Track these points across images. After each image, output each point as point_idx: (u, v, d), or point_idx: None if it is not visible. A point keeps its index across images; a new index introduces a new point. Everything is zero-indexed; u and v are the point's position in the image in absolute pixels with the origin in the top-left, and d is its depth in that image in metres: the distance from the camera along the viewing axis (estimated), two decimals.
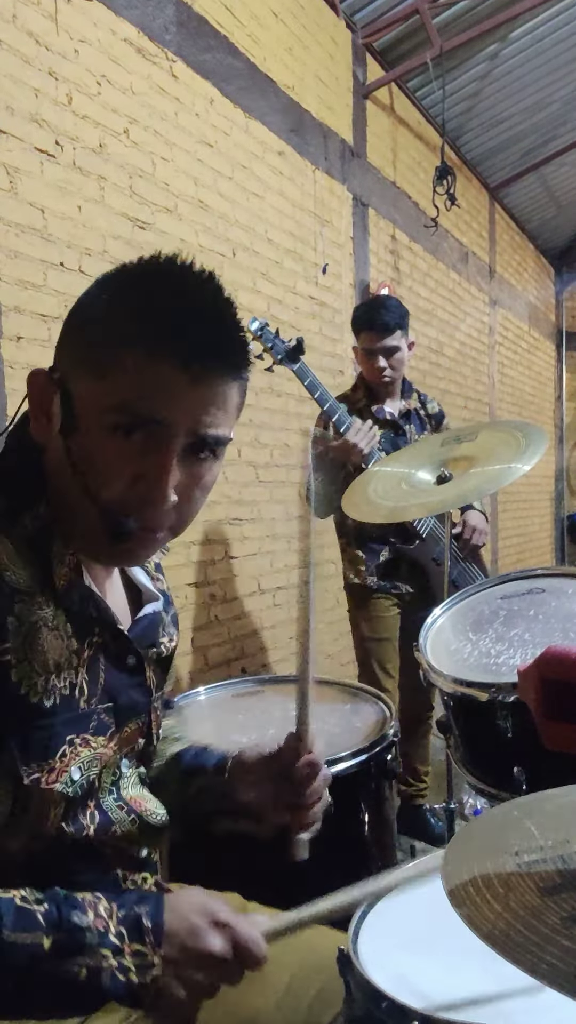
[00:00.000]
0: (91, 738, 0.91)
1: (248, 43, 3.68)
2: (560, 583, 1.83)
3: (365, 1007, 0.91)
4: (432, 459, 2.15)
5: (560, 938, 0.59)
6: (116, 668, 0.96)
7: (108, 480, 0.84)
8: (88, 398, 0.85)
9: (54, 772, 0.86)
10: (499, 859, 0.70)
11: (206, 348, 0.83)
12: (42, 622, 0.86)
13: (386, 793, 1.71)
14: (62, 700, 0.87)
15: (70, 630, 0.89)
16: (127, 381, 0.82)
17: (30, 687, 0.84)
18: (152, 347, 0.82)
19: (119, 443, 0.83)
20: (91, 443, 0.84)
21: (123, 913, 0.82)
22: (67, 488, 0.87)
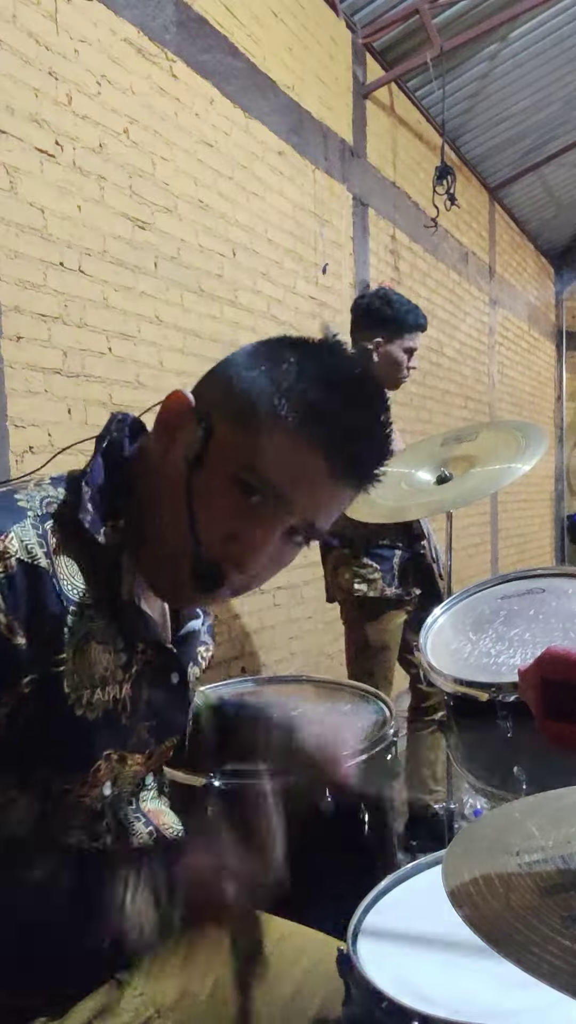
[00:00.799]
0: (128, 755, 0.91)
1: (248, 43, 3.68)
2: (560, 583, 1.83)
3: (365, 1008, 0.91)
4: (432, 459, 2.15)
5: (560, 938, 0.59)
6: (159, 686, 0.95)
7: (215, 523, 0.85)
8: (228, 445, 0.85)
9: (86, 785, 0.87)
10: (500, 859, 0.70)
11: (359, 461, 0.87)
12: (92, 635, 0.85)
13: (386, 793, 1.71)
14: (104, 714, 0.87)
15: (120, 644, 0.89)
16: (276, 453, 0.84)
17: (76, 699, 0.84)
18: (313, 439, 0.83)
19: (239, 496, 0.85)
20: (214, 486, 0.85)
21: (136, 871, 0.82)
22: (168, 515, 0.87)
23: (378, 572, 2.77)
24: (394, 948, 0.99)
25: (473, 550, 6.94)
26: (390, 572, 2.78)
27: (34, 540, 0.82)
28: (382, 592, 2.77)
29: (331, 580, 2.89)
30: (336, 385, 0.86)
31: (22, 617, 0.79)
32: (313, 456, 0.83)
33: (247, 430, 0.84)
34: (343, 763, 1.08)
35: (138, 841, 0.95)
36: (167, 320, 3.18)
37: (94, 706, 0.85)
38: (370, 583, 2.77)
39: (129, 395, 2.99)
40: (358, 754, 1.56)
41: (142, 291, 3.04)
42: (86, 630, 0.85)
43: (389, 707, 1.83)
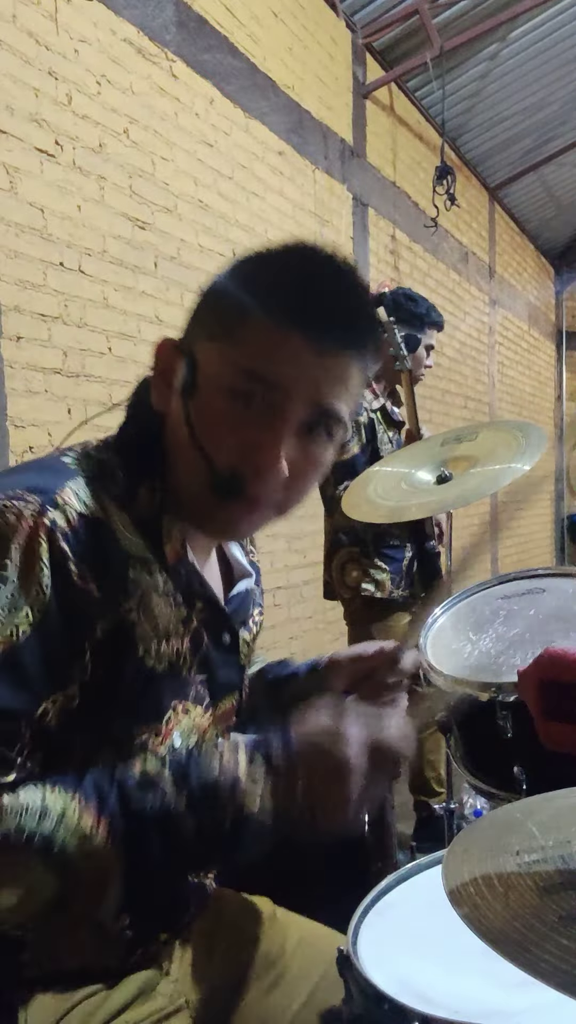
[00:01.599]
0: (191, 707, 0.92)
1: (248, 43, 3.69)
2: (560, 583, 1.83)
3: (365, 1008, 0.91)
4: (432, 459, 2.14)
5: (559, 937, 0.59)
6: (213, 644, 0.96)
7: (223, 442, 0.84)
8: (212, 360, 0.85)
9: (160, 736, 0.87)
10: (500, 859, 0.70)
11: (336, 323, 0.84)
12: (154, 588, 0.87)
13: (386, 793, 1.71)
14: (170, 665, 0.88)
15: (179, 599, 0.90)
16: (254, 347, 0.83)
17: (146, 650, 0.85)
18: (283, 316, 0.82)
19: (238, 407, 0.83)
20: (211, 404, 0.84)
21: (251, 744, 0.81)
22: (182, 453, 0.87)
23: (386, 573, 2.77)
24: (394, 948, 0.99)
25: (473, 550, 6.93)
26: (398, 573, 2.78)
27: (89, 495, 0.83)
28: (389, 593, 2.78)
29: (337, 578, 2.89)
30: (295, 260, 0.87)
31: (91, 565, 0.79)
32: (293, 333, 0.81)
33: (225, 340, 0.84)
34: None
35: None
36: (167, 320, 3.18)
37: (161, 656, 0.87)
38: (378, 584, 2.77)
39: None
40: None
41: (142, 291, 3.04)
42: (148, 583, 0.86)
43: None
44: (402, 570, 2.79)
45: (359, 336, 0.87)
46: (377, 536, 2.75)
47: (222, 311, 0.86)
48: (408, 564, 2.80)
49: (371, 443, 2.73)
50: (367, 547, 2.78)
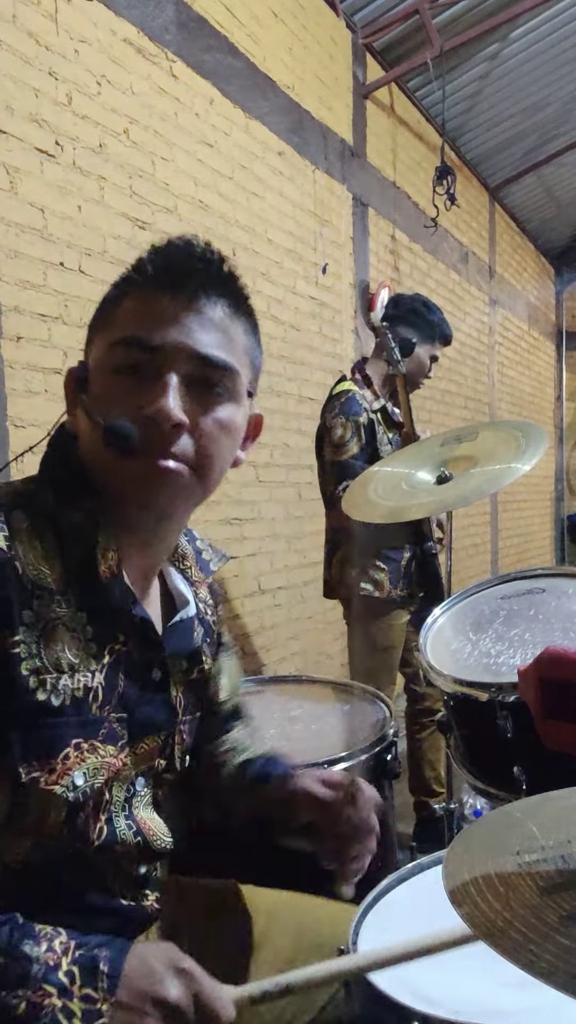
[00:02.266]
0: (99, 745, 0.89)
1: (248, 43, 3.69)
2: (560, 583, 1.83)
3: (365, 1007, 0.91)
4: (432, 459, 2.14)
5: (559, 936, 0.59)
6: (137, 680, 0.94)
7: (112, 408, 0.87)
8: (97, 350, 0.91)
9: (55, 773, 0.85)
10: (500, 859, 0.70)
11: (197, 277, 0.90)
12: (60, 621, 0.86)
13: (386, 793, 1.71)
14: (72, 701, 0.86)
15: (90, 633, 0.88)
16: (124, 318, 0.90)
17: (39, 683, 0.83)
18: (146, 284, 0.90)
19: (126, 382, 0.88)
20: (101, 388, 0.89)
21: (80, 952, 0.78)
22: (90, 446, 0.89)
23: (385, 573, 2.79)
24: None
25: (473, 550, 6.94)
26: (396, 573, 2.79)
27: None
28: (388, 593, 2.78)
29: (336, 577, 2.90)
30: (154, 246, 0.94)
31: None
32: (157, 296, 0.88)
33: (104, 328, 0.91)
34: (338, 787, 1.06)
35: (123, 848, 0.93)
36: None
37: (59, 691, 0.85)
38: (376, 584, 2.79)
39: None
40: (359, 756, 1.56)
41: None
42: (53, 615, 0.85)
43: (389, 707, 1.83)
44: (400, 570, 2.80)
45: (222, 287, 0.92)
46: (376, 536, 2.76)
47: (100, 310, 0.94)
48: (407, 564, 2.81)
49: (370, 444, 2.74)
50: (366, 547, 2.79)
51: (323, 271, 4.41)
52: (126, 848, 0.93)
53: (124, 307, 0.90)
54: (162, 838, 0.98)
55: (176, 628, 1.02)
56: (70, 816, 0.87)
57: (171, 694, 1.00)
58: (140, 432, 0.86)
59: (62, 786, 0.85)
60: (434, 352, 2.94)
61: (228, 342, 0.91)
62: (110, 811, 0.92)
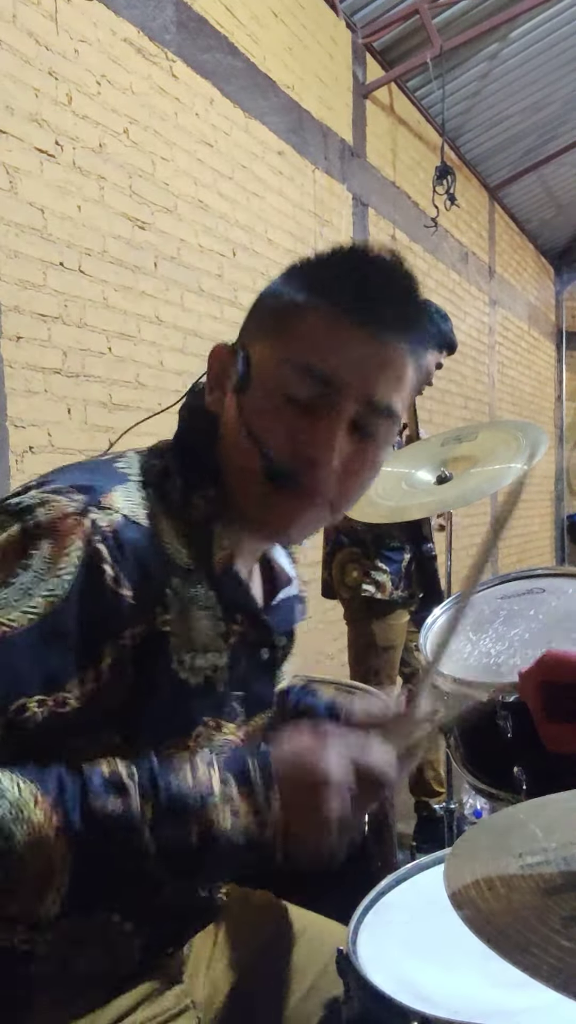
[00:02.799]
0: (224, 723, 0.91)
1: (248, 43, 3.69)
2: (560, 583, 1.83)
3: (365, 1007, 0.91)
4: (432, 459, 2.14)
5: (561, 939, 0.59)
6: (251, 659, 0.95)
7: (278, 435, 0.83)
8: (266, 355, 0.85)
9: (188, 750, 0.86)
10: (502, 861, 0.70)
11: (390, 319, 0.83)
12: (194, 601, 0.86)
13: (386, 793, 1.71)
14: (205, 680, 0.87)
15: (219, 612, 0.89)
16: (308, 341, 0.82)
17: (179, 663, 0.84)
18: (337, 309, 0.82)
19: (294, 403, 0.83)
20: (265, 398, 0.84)
21: (226, 760, 0.78)
22: (236, 449, 0.86)
23: (386, 574, 2.79)
24: (394, 948, 0.99)
25: (473, 550, 6.93)
26: (397, 574, 2.80)
27: (138, 501, 0.83)
28: (389, 594, 2.79)
29: (337, 578, 2.90)
30: (350, 258, 0.87)
31: (128, 570, 0.78)
32: (347, 326, 0.82)
33: (278, 336, 0.84)
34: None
35: None
36: (167, 320, 3.18)
37: (196, 671, 0.86)
38: (378, 585, 2.79)
39: (129, 395, 2.99)
40: None
41: (142, 291, 3.04)
42: (189, 595, 0.85)
43: None
44: (401, 571, 2.81)
45: (413, 328, 0.86)
46: (377, 537, 2.76)
47: (277, 309, 0.86)
48: (407, 565, 2.82)
49: None
50: (367, 548, 2.79)
51: None
52: None
53: (311, 323, 0.82)
54: None
55: (280, 607, 1.02)
56: None
57: (275, 672, 1.02)
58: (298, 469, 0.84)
59: None
60: (439, 359, 2.95)
61: (404, 386, 0.87)
62: None
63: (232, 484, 0.88)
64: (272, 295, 0.88)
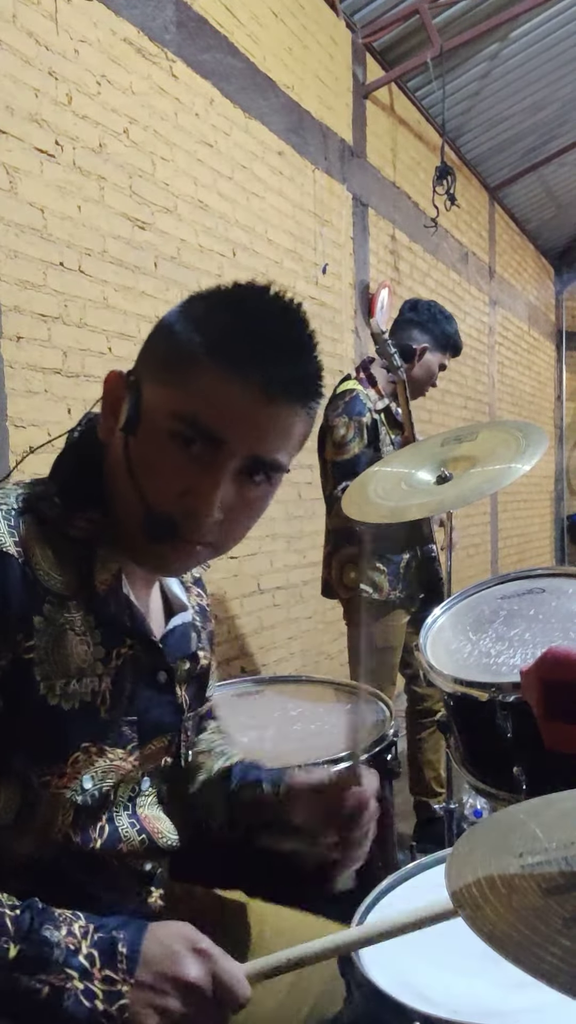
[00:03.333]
0: (108, 749, 0.90)
1: (248, 43, 3.68)
2: (560, 583, 1.83)
3: (366, 1007, 0.91)
4: (432, 459, 2.14)
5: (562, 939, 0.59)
6: (145, 683, 0.95)
7: (159, 483, 0.85)
8: (155, 401, 0.85)
9: (64, 777, 0.86)
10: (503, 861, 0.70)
11: (281, 376, 0.84)
12: (69, 626, 0.86)
13: (386, 793, 1.71)
14: (81, 706, 0.87)
15: (98, 637, 0.89)
16: (197, 393, 0.83)
17: (49, 688, 0.84)
18: (228, 365, 0.82)
19: (177, 450, 0.84)
20: (150, 444, 0.85)
21: (100, 935, 0.78)
22: (119, 487, 0.88)
23: (384, 575, 2.78)
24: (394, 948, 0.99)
25: (473, 550, 6.94)
26: (396, 575, 2.79)
27: (4, 530, 0.83)
28: (387, 595, 2.78)
29: (336, 578, 2.90)
30: (244, 304, 0.86)
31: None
32: (236, 385, 0.82)
33: (167, 380, 0.85)
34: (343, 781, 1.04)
35: (128, 847, 0.93)
36: None
37: (70, 696, 0.85)
38: (375, 585, 2.79)
39: None
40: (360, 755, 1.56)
41: (142, 291, 3.04)
42: (62, 620, 0.85)
43: (389, 707, 1.83)
44: (399, 571, 2.80)
45: (305, 386, 0.87)
46: (376, 538, 2.76)
47: (168, 351, 0.87)
48: (406, 566, 2.81)
49: (373, 444, 2.74)
50: (365, 549, 2.78)
51: (323, 271, 4.41)
52: (131, 846, 0.94)
53: (199, 375, 0.83)
54: (167, 835, 0.99)
55: (175, 632, 1.02)
56: (76, 818, 0.87)
57: (177, 694, 1.01)
58: (178, 518, 0.85)
59: (71, 789, 0.86)
60: (444, 361, 2.98)
61: (292, 440, 0.88)
62: (111, 811, 0.92)
63: (117, 516, 0.89)
64: (164, 335, 0.88)
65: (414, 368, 2.86)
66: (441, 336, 2.94)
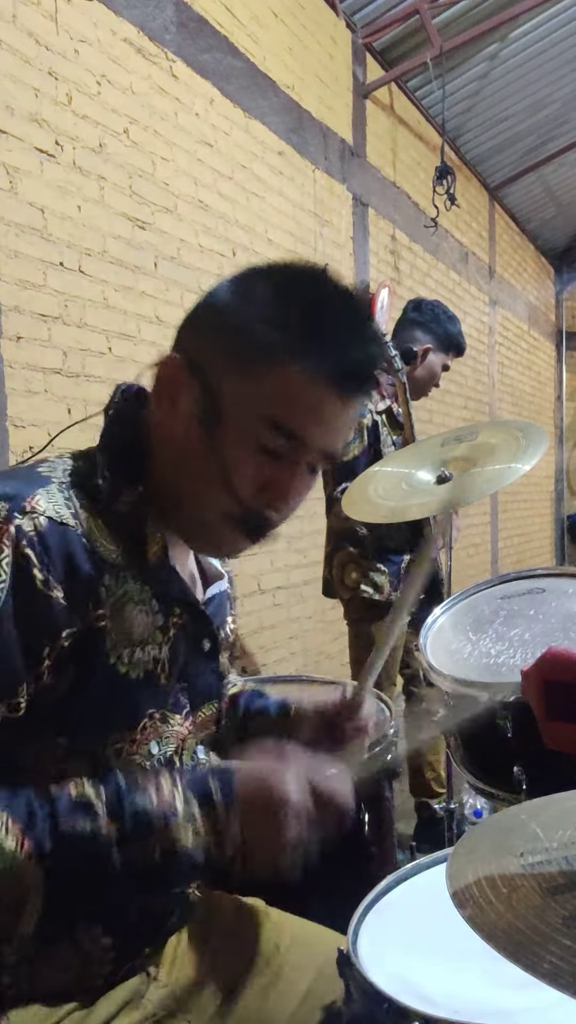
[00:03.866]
0: (169, 715, 0.92)
1: (248, 43, 3.69)
2: (560, 583, 1.83)
3: (365, 1008, 0.91)
4: (432, 459, 2.14)
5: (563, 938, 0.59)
6: (193, 651, 0.97)
7: (243, 478, 0.87)
8: (239, 398, 0.86)
9: (135, 743, 0.88)
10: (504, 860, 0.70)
11: (362, 378, 0.88)
12: (129, 596, 0.87)
13: (386, 793, 1.71)
14: (146, 674, 0.89)
15: (155, 606, 0.90)
16: (285, 396, 0.85)
17: (118, 657, 0.85)
18: (316, 370, 0.84)
19: (263, 449, 0.87)
20: (237, 440, 0.86)
21: (189, 779, 0.82)
22: (191, 477, 0.89)
23: (385, 576, 2.78)
24: (394, 948, 0.99)
25: (473, 550, 6.94)
26: (396, 576, 2.79)
27: (61, 502, 0.84)
28: (388, 596, 2.78)
29: (336, 578, 2.90)
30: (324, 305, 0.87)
31: (58, 573, 0.80)
32: (323, 388, 0.85)
33: (254, 379, 0.85)
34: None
35: None
36: (167, 320, 3.18)
37: (135, 665, 0.87)
38: (376, 586, 2.78)
39: None
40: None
41: (142, 291, 3.04)
42: (122, 590, 0.86)
43: (389, 707, 1.83)
44: (400, 572, 2.80)
45: (371, 381, 0.92)
46: (375, 539, 2.76)
47: (243, 344, 0.85)
48: (407, 566, 2.81)
49: (373, 445, 2.73)
50: (367, 549, 2.78)
51: None
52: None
53: (285, 377, 0.84)
54: None
55: (214, 600, 1.05)
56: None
57: (220, 661, 1.03)
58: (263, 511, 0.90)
59: (141, 755, 0.88)
60: (447, 362, 2.98)
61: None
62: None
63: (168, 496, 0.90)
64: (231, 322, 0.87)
65: (416, 369, 2.86)
66: (444, 336, 2.94)
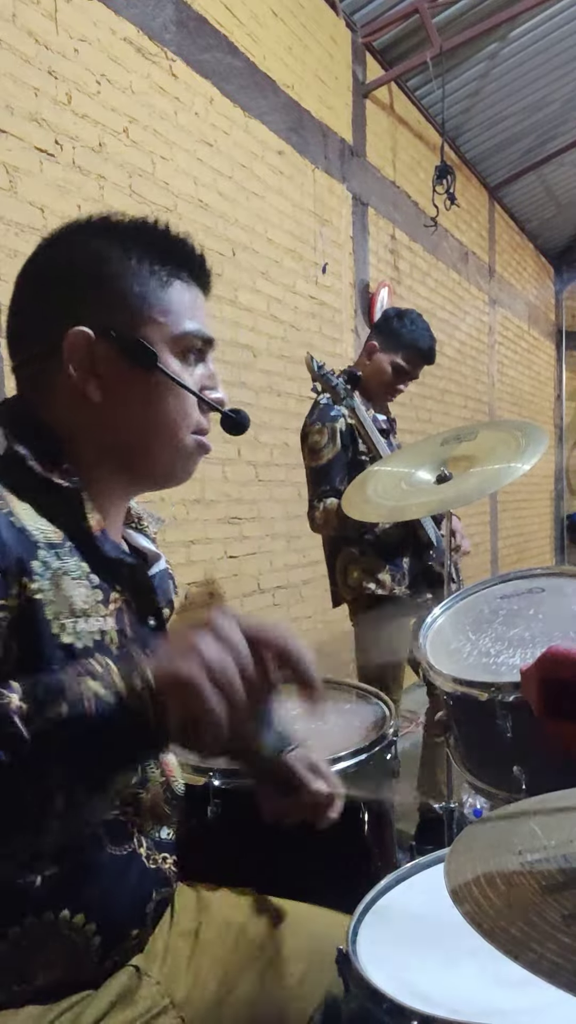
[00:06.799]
0: None
1: (247, 42, 3.69)
2: (560, 583, 1.83)
3: (364, 1007, 0.91)
4: (432, 459, 2.14)
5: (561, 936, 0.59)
6: (138, 628, 0.96)
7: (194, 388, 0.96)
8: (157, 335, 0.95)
9: None
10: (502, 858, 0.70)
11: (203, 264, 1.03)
12: (65, 570, 0.87)
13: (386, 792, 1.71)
14: (95, 643, 0.88)
15: (95, 581, 0.90)
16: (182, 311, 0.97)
17: (61, 627, 0.85)
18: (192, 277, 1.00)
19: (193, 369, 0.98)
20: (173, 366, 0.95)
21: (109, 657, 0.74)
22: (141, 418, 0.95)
23: (387, 571, 2.78)
24: (394, 948, 0.99)
25: (473, 550, 6.94)
26: (399, 571, 2.79)
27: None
28: (391, 591, 2.78)
29: (340, 580, 2.90)
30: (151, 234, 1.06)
31: None
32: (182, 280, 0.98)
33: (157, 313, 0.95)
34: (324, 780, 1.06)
35: (150, 792, 0.96)
36: None
37: (80, 635, 0.86)
38: (379, 582, 2.78)
39: None
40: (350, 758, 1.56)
41: None
42: (59, 566, 0.87)
43: (389, 706, 1.83)
44: (403, 567, 2.80)
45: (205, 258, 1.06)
46: (377, 542, 2.76)
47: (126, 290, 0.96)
48: (408, 567, 2.81)
49: (348, 449, 2.72)
50: (364, 548, 2.79)
51: (323, 271, 4.41)
52: (154, 791, 0.97)
53: (175, 296, 0.97)
54: (178, 779, 1.03)
55: (156, 578, 1.04)
56: None
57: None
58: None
59: None
60: (396, 360, 2.83)
61: None
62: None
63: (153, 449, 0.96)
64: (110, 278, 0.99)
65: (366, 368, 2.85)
66: (391, 335, 2.84)
